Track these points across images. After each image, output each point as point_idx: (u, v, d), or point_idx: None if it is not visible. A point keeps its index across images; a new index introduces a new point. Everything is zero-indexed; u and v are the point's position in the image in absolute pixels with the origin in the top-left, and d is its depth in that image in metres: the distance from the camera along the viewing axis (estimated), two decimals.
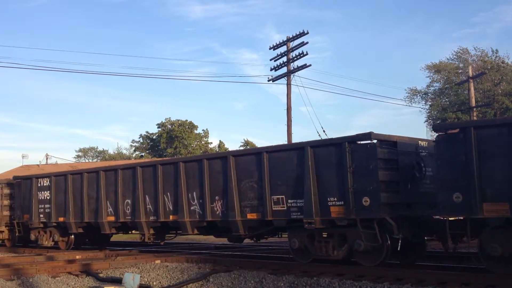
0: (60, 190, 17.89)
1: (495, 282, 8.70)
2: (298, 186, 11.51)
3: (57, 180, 18.12)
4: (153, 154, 65.44)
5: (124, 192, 15.66)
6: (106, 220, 16.09)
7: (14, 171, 46.85)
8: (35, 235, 18.94)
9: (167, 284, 10.81)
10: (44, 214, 18.36)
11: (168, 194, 14.39)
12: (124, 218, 15.61)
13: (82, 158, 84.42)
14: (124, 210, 15.60)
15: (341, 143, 10.90)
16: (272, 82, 31.37)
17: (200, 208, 13.56)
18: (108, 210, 16.10)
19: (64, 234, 18.19)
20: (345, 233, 10.95)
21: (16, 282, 10.94)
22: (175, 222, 14.24)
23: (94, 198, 16.59)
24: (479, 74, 38.52)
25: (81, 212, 16.90)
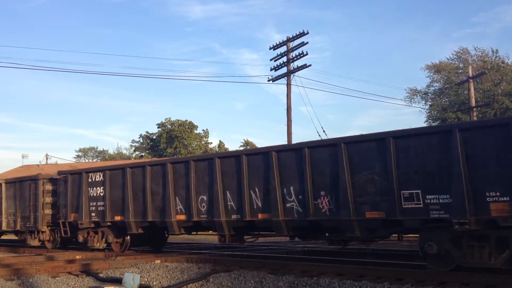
0: (116, 185, 15.95)
1: (495, 282, 8.70)
2: (441, 178, 9.66)
3: (113, 175, 16.15)
4: (153, 154, 65.48)
5: (198, 187, 13.80)
6: (175, 219, 14.25)
7: (14, 171, 46.86)
8: (83, 236, 17.10)
9: (167, 284, 10.80)
10: (96, 212, 16.49)
11: (256, 190, 12.51)
12: (198, 217, 13.76)
13: (82, 158, 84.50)
14: (198, 207, 13.76)
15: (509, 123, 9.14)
16: (272, 82, 31.42)
17: (299, 205, 11.77)
18: (178, 208, 14.25)
19: (119, 234, 16.34)
20: (508, 235, 9.13)
21: (16, 282, 10.93)
22: (265, 221, 12.40)
23: (159, 194, 14.70)
24: (479, 74, 38.54)
25: (144, 210, 15.05)
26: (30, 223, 18.86)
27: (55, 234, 18.51)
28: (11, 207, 19.91)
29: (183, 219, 14.15)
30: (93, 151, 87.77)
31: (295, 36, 30.00)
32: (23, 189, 19.40)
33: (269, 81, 31.45)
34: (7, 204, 20.03)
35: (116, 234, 16.40)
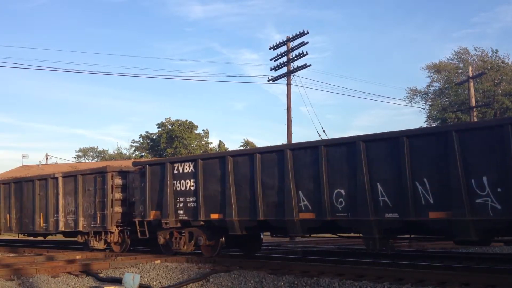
0: (212, 177, 13.46)
1: (495, 282, 8.70)
2: None
3: (207, 165, 13.63)
4: (153, 154, 65.46)
5: (333, 178, 11.14)
6: (298, 218, 11.59)
7: (14, 171, 46.85)
8: (164, 238, 14.67)
9: (167, 284, 10.80)
10: (185, 210, 13.97)
11: (425, 180, 9.82)
12: (333, 216, 11.09)
13: (82, 158, 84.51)
14: (333, 203, 11.09)
15: None
16: (272, 82, 31.40)
17: (497, 201, 8.99)
18: (301, 204, 11.60)
19: (212, 236, 13.79)
20: None
21: (16, 282, 10.93)
22: (439, 222, 9.73)
23: (273, 187, 12.21)
24: (479, 74, 38.54)
25: (252, 207, 12.51)
26: (96, 222, 16.57)
27: (125, 235, 16.31)
28: (70, 204, 17.59)
29: (310, 218, 11.49)
30: (93, 151, 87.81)
31: (295, 36, 29.98)
32: (87, 183, 17.09)
33: (269, 81, 31.45)
34: (66, 201, 17.76)
35: (209, 235, 13.76)
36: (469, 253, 14.29)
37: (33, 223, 18.94)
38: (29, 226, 19.21)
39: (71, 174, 18.06)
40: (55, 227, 18.07)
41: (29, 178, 20.45)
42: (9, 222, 20.14)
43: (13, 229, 20.24)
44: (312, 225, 11.70)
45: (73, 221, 17.42)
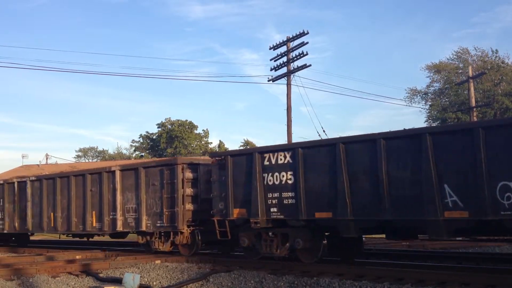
0: (316, 169, 11.47)
1: (495, 282, 8.70)
2: None
3: (310, 154, 11.62)
4: (153, 154, 65.47)
5: (496, 168, 9.08)
6: (442, 217, 9.61)
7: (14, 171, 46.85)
8: (249, 240, 12.71)
9: (167, 284, 10.81)
10: (279, 207, 11.95)
11: None
12: (497, 215, 9.04)
13: (82, 158, 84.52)
14: (496, 199, 9.02)
15: None
16: (272, 82, 31.40)
17: None
18: (448, 201, 9.54)
19: (313, 238, 11.80)
20: None
21: (16, 282, 10.94)
22: None
23: (404, 180, 10.17)
24: (479, 74, 38.55)
25: (375, 204, 10.49)
26: (163, 221, 14.55)
27: (196, 237, 14.20)
28: (130, 201, 15.52)
29: (461, 217, 9.44)
30: (93, 151, 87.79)
31: (295, 36, 29.98)
32: (152, 177, 14.98)
33: (269, 81, 31.45)
34: (124, 198, 15.69)
35: (309, 237, 11.74)
36: (469, 253, 14.29)
37: (83, 222, 16.90)
38: (79, 226, 17.12)
39: (131, 167, 15.97)
40: (111, 227, 16.01)
41: (78, 172, 18.37)
42: (53, 222, 18.03)
43: (58, 229, 18.03)
44: (462, 225, 9.68)
45: (134, 220, 15.33)
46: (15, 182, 19.97)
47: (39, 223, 18.72)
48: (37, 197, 18.91)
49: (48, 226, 18.37)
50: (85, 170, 18.27)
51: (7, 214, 20.22)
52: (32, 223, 19.06)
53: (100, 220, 16.33)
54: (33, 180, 19.37)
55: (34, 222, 18.95)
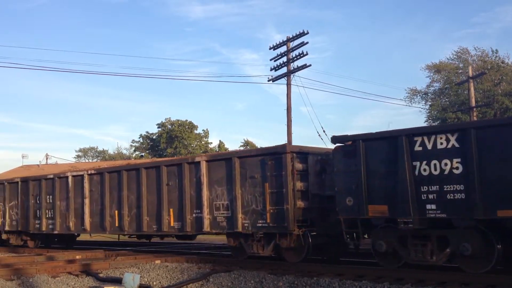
0: (499, 154, 9.18)
1: (495, 282, 8.71)
2: None
3: (487, 136, 9.38)
4: (153, 154, 65.47)
5: None
6: None
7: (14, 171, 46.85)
8: (389, 244, 10.43)
9: (167, 284, 10.80)
10: (440, 203, 9.69)
11: None
12: None
13: (82, 158, 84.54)
14: None
15: None
16: (272, 82, 31.39)
17: None
18: None
19: (485, 243, 9.45)
20: None
21: (16, 282, 10.94)
22: None
23: None
24: (479, 74, 38.53)
25: None
26: (265, 221, 12.24)
27: (305, 239, 11.88)
28: (220, 197, 13.29)
29: None
30: (93, 151, 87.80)
31: (295, 36, 29.98)
32: (250, 169, 12.73)
33: (269, 81, 31.44)
34: (212, 193, 13.49)
35: (480, 241, 9.53)
36: None
37: (158, 221, 14.72)
38: (152, 226, 14.97)
39: (222, 157, 13.83)
40: (195, 227, 13.86)
41: (151, 164, 16.17)
42: (118, 221, 15.84)
43: (125, 229, 15.78)
44: None
45: (226, 219, 13.09)
46: (69, 176, 17.64)
47: (99, 222, 16.53)
48: (97, 193, 16.69)
49: (112, 226, 16.07)
50: (160, 161, 16.03)
51: (59, 213, 17.98)
52: (90, 223, 16.86)
53: (180, 219, 14.10)
54: (92, 173, 17.06)
55: (94, 221, 16.76)
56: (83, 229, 17.29)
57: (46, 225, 18.57)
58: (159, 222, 14.72)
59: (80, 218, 17.17)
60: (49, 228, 18.45)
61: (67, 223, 17.63)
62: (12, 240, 20.38)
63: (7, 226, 20.28)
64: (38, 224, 18.88)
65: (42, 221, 18.61)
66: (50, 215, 18.39)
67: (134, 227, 15.56)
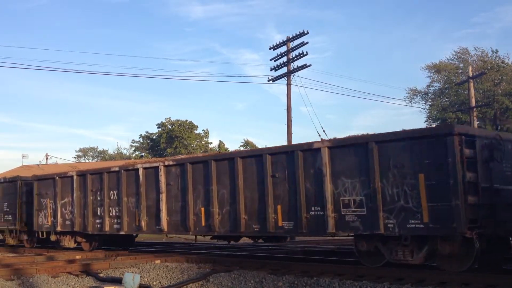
0: None
1: (495, 282, 8.70)
2: None
3: None
4: (153, 154, 65.46)
5: None
6: None
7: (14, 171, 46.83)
8: None
9: (167, 284, 10.80)
10: None
11: None
12: None
13: (82, 158, 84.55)
14: None
15: None
16: (272, 82, 31.40)
17: None
18: None
19: None
20: None
21: (16, 282, 10.94)
22: None
23: None
24: (479, 74, 38.54)
25: None
26: (421, 221, 9.78)
27: (475, 244, 9.51)
28: (349, 191, 10.92)
29: None
30: (93, 151, 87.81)
31: (295, 36, 29.99)
32: (394, 156, 10.27)
33: (269, 81, 31.45)
34: (338, 186, 11.12)
35: None
36: None
37: (261, 220, 12.39)
38: (252, 226, 12.55)
39: (352, 142, 11.12)
40: (313, 227, 11.51)
41: (250, 153, 13.65)
42: (205, 220, 13.54)
43: (216, 229, 13.35)
44: None
45: (359, 218, 10.72)
46: (140, 168, 15.22)
47: (181, 221, 14.11)
48: (176, 187, 14.31)
49: (197, 225, 13.75)
50: (263, 149, 13.54)
51: (127, 211, 15.50)
52: (168, 222, 14.45)
53: (292, 217, 11.82)
54: (169, 164, 14.62)
55: (172, 220, 14.38)
56: (158, 229, 14.72)
57: (109, 224, 15.92)
58: (262, 222, 12.35)
59: (155, 217, 14.72)
60: (114, 228, 15.86)
61: (138, 223, 15.06)
62: (64, 241, 17.91)
63: (59, 226, 17.52)
64: (99, 224, 16.23)
65: (105, 220, 15.96)
66: (115, 213, 15.85)
67: (227, 227, 13.14)
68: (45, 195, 18.27)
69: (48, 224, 18.07)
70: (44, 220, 18.29)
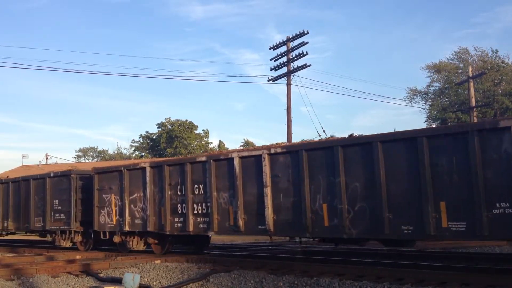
0: None
1: (495, 282, 8.70)
2: None
3: None
4: (153, 154, 65.48)
5: None
6: None
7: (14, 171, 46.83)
8: None
9: (167, 284, 10.80)
10: None
11: None
12: None
13: (82, 158, 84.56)
14: None
15: None
16: (272, 82, 31.44)
17: None
18: None
19: None
20: None
21: (16, 282, 10.94)
22: None
23: None
24: (479, 74, 38.56)
25: None
26: None
27: None
28: None
29: None
30: (93, 151, 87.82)
31: (295, 36, 30.02)
32: None
33: (269, 81, 31.49)
34: None
35: None
36: (469, 253, 14.29)
37: (416, 220, 9.82)
38: (401, 227, 10.02)
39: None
40: (499, 229, 8.85)
41: (395, 135, 10.56)
42: (328, 219, 11.12)
43: (346, 230, 10.76)
44: None
45: None
46: (236, 157, 12.72)
47: (292, 220, 11.70)
48: (286, 179, 11.85)
49: (317, 225, 11.29)
50: (419, 131, 10.22)
51: (217, 208, 13.02)
52: (275, 220, 11.98)
53: (465, 217, 9.26)
54: (276, 153, 12.14)
55: (281, 219, 11.90)
56: (261, 230, 12.27)
57: (194, 224, 13.56)
58: (418, 222, 9.81)
59: (256, 215, 12.31)
60: (200, 228, 13.49)
61: (233, 222, 12.72)
62: (132, 243, 15.61)
63: (127, 225, 15.15)
64: (181, 223, 13.86)
65: (188, 218, 13.59)
66: (202, 210, 13.42)
67: (362, 226, 10.66)
68: (108, 190, 15.88)
69: (112, 223, 15.67)
70: (107, 218, 15.88)
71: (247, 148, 12.35)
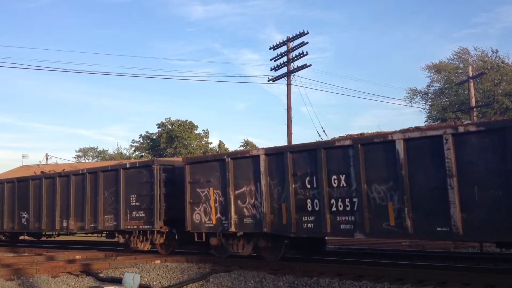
0: None
1: (495, 282, 8.70)
2: None
3: None
4: (153, 154, 65.48)
5: None
6: None
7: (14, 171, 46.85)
8: None
9: (167, 284, 10.80)
10: None
11: None
12: None
13: (82, 158, 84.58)
14: None
15: None
16: (272, 82, 31.39)
17: None
18: None
19: None
20: None
21: (16, 282, 10.94)
22: None
23: None
24: (479, 74, 38.56)
25: None
26: None
27: None
28: None
29: None
30: (93, 151, 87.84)
31: (295, 36, 29.99)
32: None
33: (269, 81, 31.44)
34: None
35: None
36: (469, 253, 14.29)
37: None
38: None
39: None
40: None
41: None
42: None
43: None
44: None
45: None
46: (400, 140, 10.00)
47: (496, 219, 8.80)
48: (484, 166, 9.07)
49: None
50: None
51: (367, 204, 10.44)
52: (465, 221, 9.13)
53: None
54: (467, 131, 9.27)
55: (473, 217, 9.04)
56: (442, 233, 9.48)
57: (332, 224, 10.97)
58: None
59: (432, 214, 9.59)
60: (342, 230, 10.88)
61: (395, 222, 10.03)
62: (237, 247, 13.08)
63: (233, 226, 12.70)
64: (312, 223, 11.33)
65: (324, 217, 11.02)
66: (344, 207, 10.83)
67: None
68: (205, 184, 13.44)
69: (211, 223, 13.26)
70: (204, 217, 13.45)
71: (417, 127, 10.14)
